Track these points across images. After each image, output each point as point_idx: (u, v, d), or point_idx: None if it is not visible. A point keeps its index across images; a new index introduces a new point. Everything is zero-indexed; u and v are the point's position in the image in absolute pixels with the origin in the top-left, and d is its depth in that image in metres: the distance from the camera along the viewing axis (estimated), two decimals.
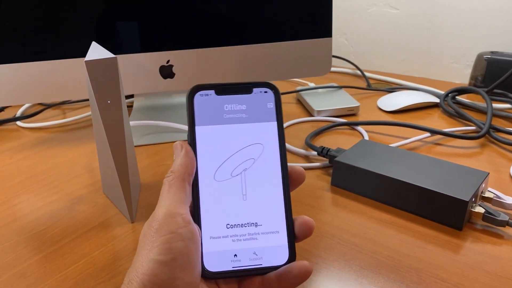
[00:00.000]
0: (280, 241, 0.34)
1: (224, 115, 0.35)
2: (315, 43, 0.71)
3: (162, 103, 0.81)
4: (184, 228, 0.30)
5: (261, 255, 0.34)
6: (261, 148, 0.35)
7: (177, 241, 0.29)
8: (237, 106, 0.35)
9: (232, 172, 0.34)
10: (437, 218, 0.48)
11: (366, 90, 0.92)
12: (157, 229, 0.30)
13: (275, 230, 0.34)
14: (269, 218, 0.34)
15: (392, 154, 0.55)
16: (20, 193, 0.57)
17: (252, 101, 0.36)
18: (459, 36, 1.00)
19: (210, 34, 0.68)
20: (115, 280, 0.41)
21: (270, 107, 0.36)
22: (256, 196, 0.34)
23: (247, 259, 0.34)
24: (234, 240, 0.34)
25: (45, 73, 0.64)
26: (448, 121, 0.75)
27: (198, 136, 0.34)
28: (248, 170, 0.35)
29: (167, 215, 0.30)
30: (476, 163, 0.60)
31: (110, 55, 0.44)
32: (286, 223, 0.34)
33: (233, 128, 0.35)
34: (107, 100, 0.44)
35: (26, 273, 0.42)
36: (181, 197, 0.32)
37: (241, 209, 0.34)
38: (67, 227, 0.49)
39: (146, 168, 0.62)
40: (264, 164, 0.35)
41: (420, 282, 0.40)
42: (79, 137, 0.74)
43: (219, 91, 0.35)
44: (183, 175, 0.33)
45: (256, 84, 0.36)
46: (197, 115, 0.35)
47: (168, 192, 0.32)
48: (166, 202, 0.31)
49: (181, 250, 0.29)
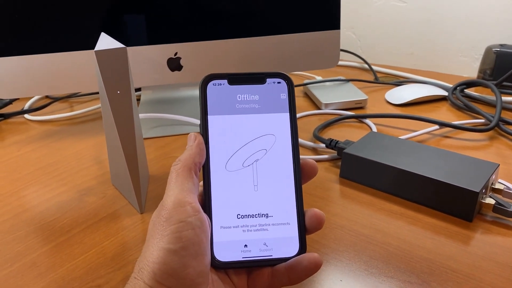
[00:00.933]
0: (291, 232, 0.34)
1: (237, 105, 0.35)
2: (323, 35, 0.71)
3: (169, 96, 0.81)
4: (194, 217, 0.30)
5: (271, 246, 0.34)
6: (273, 139, 0.35)
7: (187, 230, 0.29)
8: (250, 96, 0.35)
9: (243, 162, 0.34)
10: (447, 209, 0.48)
11: (374, 84, 0.91)
12: (167, 218, 0.30)
13: (286, 221, 0.34)
14: (280, 210, 0.34)
15: (401, 146, 0.55)
16: (29, 184, 0.57)
17: (265, 92, 0.35)
18: (468, 29, 0.99)
19: (218, 26, 0.68)
20: (125, 270, 0.41)
21: (283, 98, 0.35)
22: (268, 187, 0.34)
23: (257, 250, 0.33)
24: (245, 230, 0.34)
25: (53, 66, 0.64)
26: (456, 114, 0.75)
27: (210, 125, 0.34)
28: (260, 161, 0.34)
29: (176, 204, 0.30)
30: (485, 155, 0.60)
31: (120, 45, 0.44)
32: (297, 215, 0.34)
33: (245, 118, 0.35)
34: (117, 91, 0.44)
35: (37, 263, 0.43)
36: (189, 186, 0.32)
37: (252, 199, 0.34)
38: (77, 218, 0.49)
39: (154, 161, 0.62)
40: (276, 155, 0.35)
41: (431, 272, 0.39)
42: (87, 130, 0.74)
43: (232, 80, 0.35)
44: (190, 164, 0.33)
45: (270, 74, 0.36)
46: (209, 104, 0.34)
47: (176, 181, 0.32)
48: (174, 191, 0.31)
49: (191, 238, 0.29)
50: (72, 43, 0.64)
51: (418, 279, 0.39)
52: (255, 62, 0.70)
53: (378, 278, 0.39)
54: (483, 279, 0.39)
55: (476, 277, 0.39)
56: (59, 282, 0.40)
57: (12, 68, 0.63)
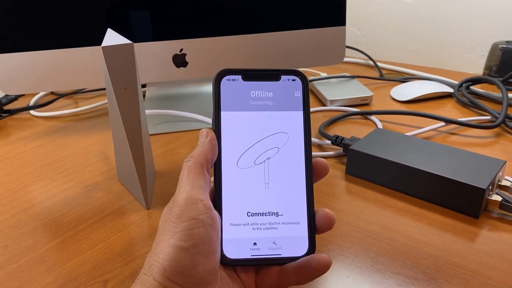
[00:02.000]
0: (301, 232, 0.34)
1: (250, 101, 0.35)
2: (329, 31, 0.71)
3: (174, 92, 0.81)
4: (205, 214, 0.30)
5: (280, 245, 0.33)
6: (286, 138, 0.35)
7: (198, 227, 0.29)
8: (264, 93, 0.35)
9: (255, 160, 0.34)
10: (453, 206, 0.48)
11: (379, 80, 0.91)
12: (178, 215, 0.30)
13: (296, 221, 0.34)
14: (291, 209, 0.34)
15: (407, 143, 0.55)
16: (36, 180, 0.57)
17: (280, 89, 0.35)
18: (473, 26, 0.99)
19: (223, 22, 0.68)
20: (131, 265, 0.41)
21: (297, 95, 0.35)
22: (279, 185, 0.34)
23: (267, 248, 0.33)
24: (254, 228, 0.33)
25: (58, 62, 0.64)
26: (462, 111, 0.75)
27: (223, 121, 0.34)
28: (272, 159, 0.34)
29: (187, 201, 0.30)
30: (491, 152, 0.60)
31: (127, 41, 0.44)
32: (308, 214, 0.34)
33: (258, 116, 0.34)
34: (124, 86, 0.44)
35: (44, 257, 0.43)
36: (201, 183, 0.32)
37: (262, 197, 0.34)
38: (83, 213, 0.50)
39: (160, 157, 0.62)
40: (288, 153, 0.34)
41: (437, 268, 0.39)
42: (92, 126, 0.74)
43: (246, 76, 0.35)
44: (202, 161, 0.32)
45: (285, 72, 0.35)
46: (223, 100, 0.34)
47: (188, 177, 0.32)
48: (186, 188, 0.31)
49: (202, 236, 0.29)
50: (77, 39, 0.64)
51: (425, 276, 0.39)
52: (260, 58, 0.70)
53: (385, 274, 0.39)
54: (490, 276, 0.39)
55: (483, 274, 0.39)
56: (66, 277, 0.40)
57: (18, 64, 0.63)
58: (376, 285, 0.38)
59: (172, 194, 0.32)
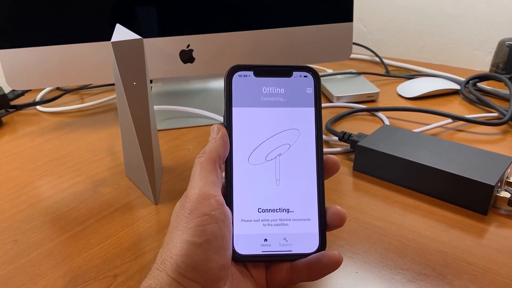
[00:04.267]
0: (311, 229, 0.34)
1: (262, 97, 0.35)
2: (336, 27, 0.71)
3: (180, 88, 0.81)
4: (218, 210, 0.30)
5: (291, 242, 0.33)
6: (297, 134, 0.35)
7: (211, 223, 0.30)
8: (276, 89, 0.35)
9: (266, 156, 0.34)
10: (462, 202, 0.47)
11: (385, 77, 0.91)
12: (191, 210, 0.30)
13: (307, 217, 0.34)
14: (301, 205, 0.34)
15: (415, 139, 0.54)
16: (44, 175, 0.58)
17: (291, 85, 0.35)
18: (480, 23, 0.98)
19: (230, 18, 0.68)
20: (141, 260, 0.41)
21: (309, 92, 0.35)
22: (290, 182, 0.34)
23: (277, 245, 0.33)
24: (265, 224, 0.33)
25: (65, 57, 0.64)
26: (469, 108, 0.75)
27: (234, 117, 0.34)
28: (283, 155, 0.34)
29: (200, 196, 0.30)
30: (499, 149, 0.60)
31: (136, 36, 0.44)
32: (318, 211, 0.34)
33: (270, 112, 0.34)
34: (133, 82, 0.44)
35: (54, 252, 0.43)
36: (213, 178, 0.32)
37: (273, 194, 0.34)
38: (92, 208, 0.50)
39: (167, 152, 0.62)
40: (299, 150, 0.34)
41: (446, 265, 0.39)
42: (99, 122, 0.74)
43: (258, 72, 0.35)
44: (214, 157, 0.32)
45: (296, 68, 0.35)
46: (234, 96, 0.34)
47: (200, 173, 0.32)
48: (199, 183, 0.31)
49: (214, 232, 0.30)
50: (84, 34, 0.64)
51: (434, 272, 0.39)
52: (267, 54, 0.70)
53: (394, 270, 0.39)
54: (499, 272, 0.39)
55: (492, 270, 0.39)
56: (76, 272, 0.40)
57: (25, 59, 0.64)
58: (385, 281, 0.38)
59: (179, 189, 0.32)
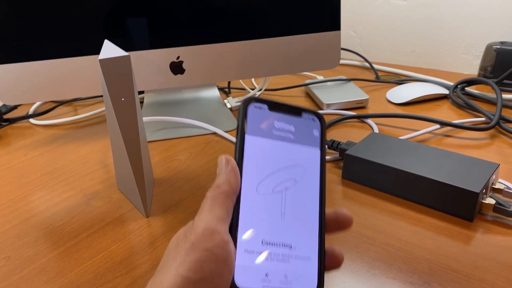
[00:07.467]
0: (310, 268, 0.34)
1: (274, 131, 0.35)
2: (324, 36, 0.72)
3: (172, 98, 0.82)
4: (221, 249, 0.29)
5: (291, 280, 0.33)
6: (303, 171, 0.35)
7: (210, 262, 0.29)
8: (286, 126, 0.36)
9: (274, 188, 0.34)
10: (448, 210, 0.48)
11: (375, 83, 0.92)
12: (193, 243, 0.29)
13: (307, 255, 0.34)
14: (303, 243, 0.34)
15: (402, 147, 0.55)
16: (37, 189, 0.58)
17: (300, 125, 0.36)
18: (468, 27, 1.00)
19: (219, 29, 0.69)
20: (132, 274, 0.42)
21: (316, 135, 0.36)
22: (294, 217, 0.34)
23: (278, 281, 0.33)
24: (267, 258, 0.33)
25: (56, 71, 0.65)
26: (457, 113, 0.76)
27: (247, 144, 0.35)
28: (289, 190, 0.34)
29: (206, 230, 0.29)
30: (486, 154, 0.61)
31: (124, 53, 0.45)
32: (319, 250, 0.34)
33: (280, 145, 0.35)
34: (121, 98, 0.45)
35: (46, 268, 0.43)
36: (222, 214, 0.31)
37: (278, 227, 0.34)
38: (84, 222, 0.50)
39: (158, 164, 0.63)
40: (304, 187, 0.35)
41: (431, 273, 0.40)
42: (92, 133, 0.75)
43: (272, 106, 0.35)
44: (228, 192, 0.32)
45: (306, 110, 0.36)
46: (249, 123, 0.35)
47: (210, 207, 0.31)
48: (207, 216, 0.30)
49: (212, 271, 0.29)
50: (75, 48, 0.65)
51: (420, 280, 0.39)
52: (257, 64, 0.71)
53: (380, 279, 0.40)
54: (483, 279, 0.39)
55: (477, 277, 0.40)
56: (68, 287, 0.41)
57: (16, 74, 0.64)
58: None
59: (171, 201, 0.32)
